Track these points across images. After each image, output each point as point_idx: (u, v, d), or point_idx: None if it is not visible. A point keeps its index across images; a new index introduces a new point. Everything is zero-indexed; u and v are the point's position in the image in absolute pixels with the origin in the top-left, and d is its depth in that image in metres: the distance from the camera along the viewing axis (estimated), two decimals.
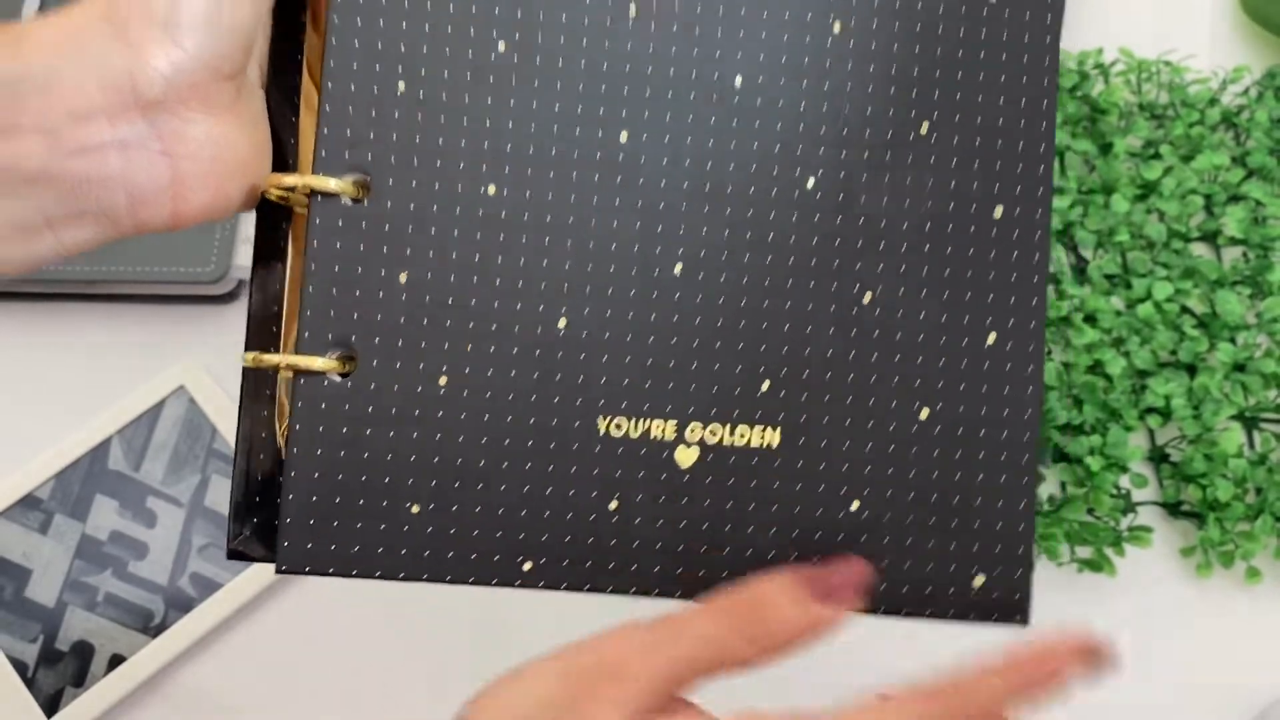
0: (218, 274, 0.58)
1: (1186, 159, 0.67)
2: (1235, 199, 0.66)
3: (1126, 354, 0.61)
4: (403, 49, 0.33)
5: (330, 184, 0.33)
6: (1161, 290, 0.62)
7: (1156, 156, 0.67)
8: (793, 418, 0.34)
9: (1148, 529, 0.58)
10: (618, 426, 0.34)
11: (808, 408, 0.34)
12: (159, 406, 0.58)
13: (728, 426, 0.34)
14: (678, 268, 0.34)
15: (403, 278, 0.34)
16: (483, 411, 0.34)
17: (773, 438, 0.34)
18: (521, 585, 0.34)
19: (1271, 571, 0.60)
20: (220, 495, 0.56)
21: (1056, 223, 0.63)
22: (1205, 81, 0.69)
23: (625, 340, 0.34)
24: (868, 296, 0.34)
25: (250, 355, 0.34)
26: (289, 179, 0.33)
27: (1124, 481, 0.59)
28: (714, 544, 0.34)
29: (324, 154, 0.33)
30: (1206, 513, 0.59)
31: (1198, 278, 0.63)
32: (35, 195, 0.30)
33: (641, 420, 0.34)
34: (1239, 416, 0.62)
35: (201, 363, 0.59)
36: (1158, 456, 0.62)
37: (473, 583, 0.34)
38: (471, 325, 0.34)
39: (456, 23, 0.34)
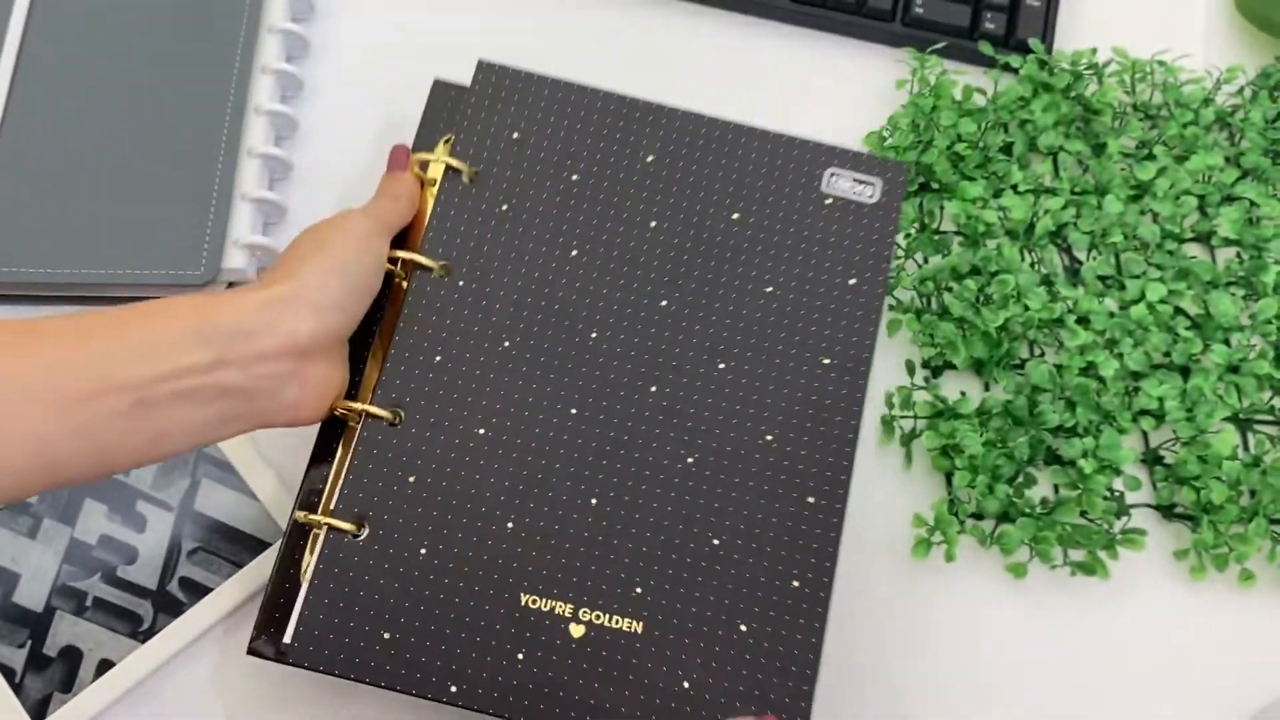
0: (207, 276, 0.58)
1: (1180, 159, 0.67)
2: (1229, 200, 0.66)
3: (1120, 356, 0.61)
4: (441, 339, 0.52)
5: (380, 411, 0.51)
6: (1155, 291, 0.62)
7: (1150, 157, 0.66)
8: (654, 616, 0.49)
9: (1141, 532, 0.57)
10: (533, 601, 0.48)
11: (664, 613, 0.49)
12: None
13: (609, 615, 0.49)
14: (594, 501, 0.50)
15: (411, 479, 0.50)
16: (444, 576, 0.49)
17: (638, 627, 0.48)
18: (448, 702, 0.47)
19: (1265, 574, 0.60)
20: (210, 499, 0.56)
21: (1050, 224, 0.63)
22: (1199, 81, 0.69)
23: (550, 544, 0.49)
24: (716, 542, 0.50)
25: (300, 515, 0.50)
26: (355, 405, 0.51)
27: (1117, 484, 0.59)
28: (583, 694, 0.47)
29: (379, 392, 0.51)
30: (1200, 515, 0.58)
31: (1191, 279, 0.63)
32: (225, 403, 0.45)
33: (550, 600, 0.48)
34: (1233, 418, 0.62)
35: None
36: (1151, 459, 0.61)
37: (414, 694, 0.47)
38: (450, 516, 0.49)
39: (480, 324, 0.52)
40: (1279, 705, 0.57)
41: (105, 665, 0.53)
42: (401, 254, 0.53)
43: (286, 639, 0.48)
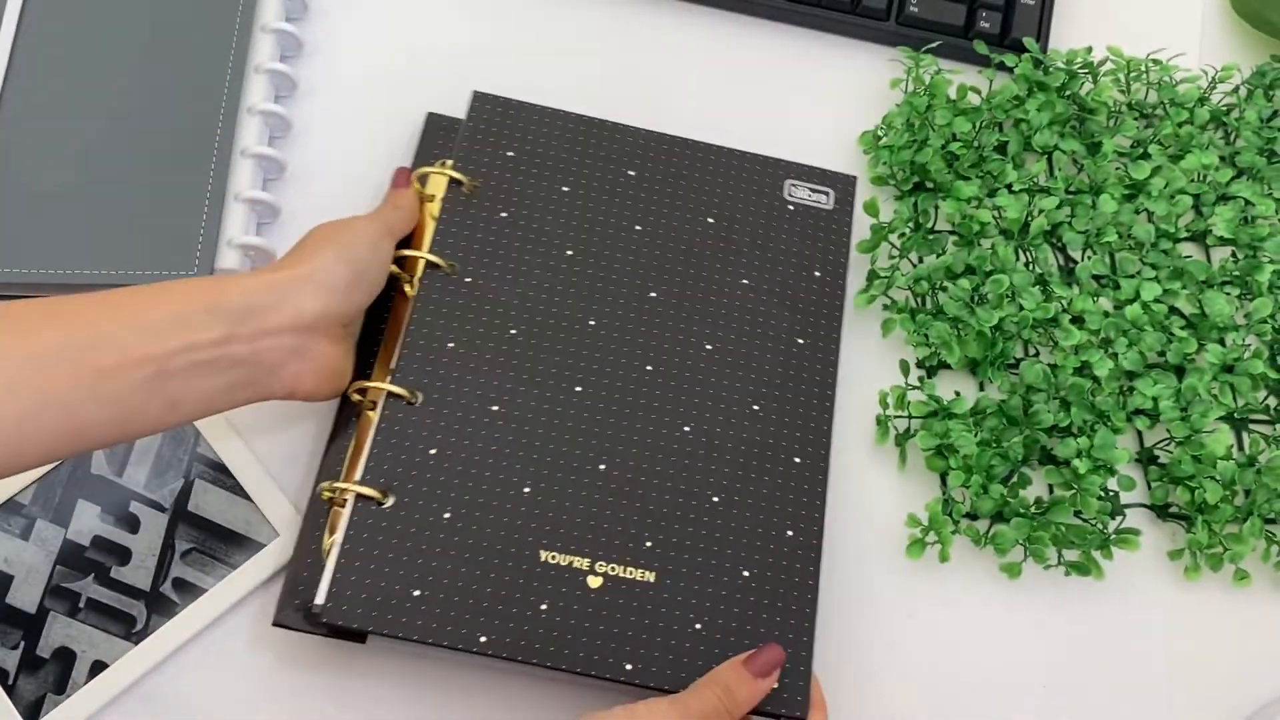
0: (201, 276, 0.58)
1: (1175, 159, 0.66)
2: (1224, 199, 0.66)
3: (1114, 355, 0.61)
4: (452, 328, 0.56)
5: (399, 390, 0.54)
6: (1149, 291, 0.62)
7: (1145, 156, 0.66)
8: (664, 566, 0.53)
9: (1135, 531, 0.57)
10: (552, 557, 0.52)
11: (673, 563, 0.53)
12: None
13: (623, 566, 0.53)
14: (602, 466, 0.54)
15: (432, 451, 0.53)
16: (468, 537, 0.52)
17: (650, 576, 0.53)
18: (478, 652, 0.50)
19: (1260, 574, 0.60)
20: (203, 500, 0.56)
21: (1044, 223, 0.63)
22: (1194, 80, 0.68)
23: (565, 505, 0.53)
24: (715, 499, 0.55)
25: (325, 484, 0.53)
26: (369, 385, 0.55)
27: (1111, 484, 0.59)
28: (604, 639, 0.51)
29: (398, 374, 0.55)
30: (1195, 515, 0.58)
31: (1186, 278, 0.63)
32: (234, 373, 0.49)
33: (568, 555, 0.52)
34: (1227, 418, 0.62)
35: None
36: (1146, 458, 0.61)
37: (445, 646, 0.50)
38: (470, 484, 0.53)
39: (488, 315, 0.57)
40: (1274, 705, 0.57)
41: (99, 666, 0.53)
42: (412, 253, 0.58)
43: (319, 600, 0.50)
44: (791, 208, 0.62)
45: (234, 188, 0.60)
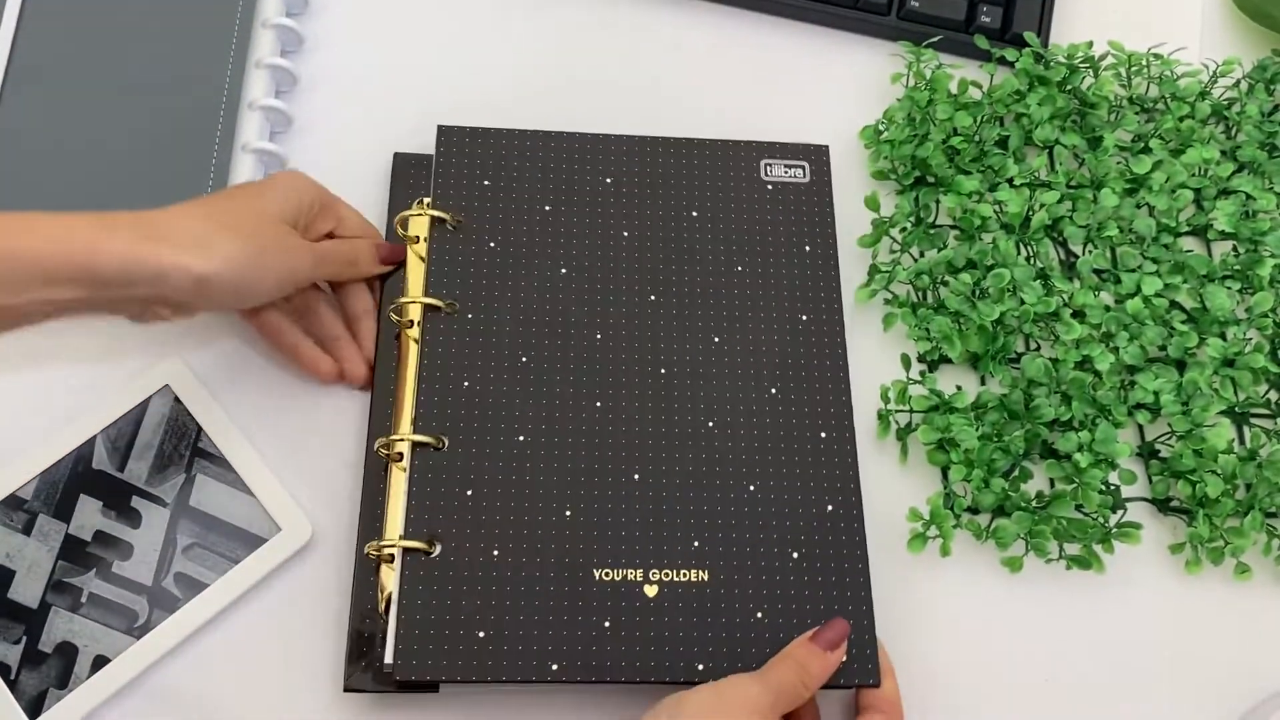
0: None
1: (1176, 153, 0.66)
2: (1225, 193, 0.66)
3: (1115, 349, 0.61)
4: (464, 366, 0.56)
5: (424, 438, 0.55)
6: (1150, 285, 0.62)
7: (1146, 151, 0.66)
8: (715, 562, 0.54)
9: (1136, 525, 0.57)
10: (606, 574, 0.53)
11: (724, 558, 0.54)
12: (143, 405, 0.57)
13: (676, 570, 0.53)
14: (636, 476, 0.55)
15: (469, 492, 0.54)
16: (520, 570, 0.53)
17: (704, 575, 0.53)
18: (551, 681, 0.51)
19: (1261, 568, 0.60)
20: (205, 495, 0.56)
21: (1045, 217, 0.63)
22: (1195, 75, 0.68)
23: (608, 521, 0.54)
24: (752, 488, 0.55)
25: (371, 544, 0.53)
26: (394, 439, 0.55)
27: (1113, 478, 0.59)
28: (671, 645, 0.51)
29: (419, 423, 0.55)
30: (1196, 509, 0.58)
31: (1187, 272, 0.63)
32: (93, 313, 0.49)
33: (621, 569, 0.53)
34: (1228, 412, 0.62)
35: (186, 361, 0.58)
36: (1147, 452, 0.61)
37: (519, 681, 0.50)
38: (511, 518, 0.53)
39: (496, 347, 0.57)
40: (1275, 699, 0.57)
41: (101, 661, 0.53)
42: (408, 300, 0.57)
43: (388, 659, 0.51)
44: (770, 187, 0.62)
45: (235, 178, 0.60)
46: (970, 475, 0.58)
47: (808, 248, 0.61)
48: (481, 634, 0.51)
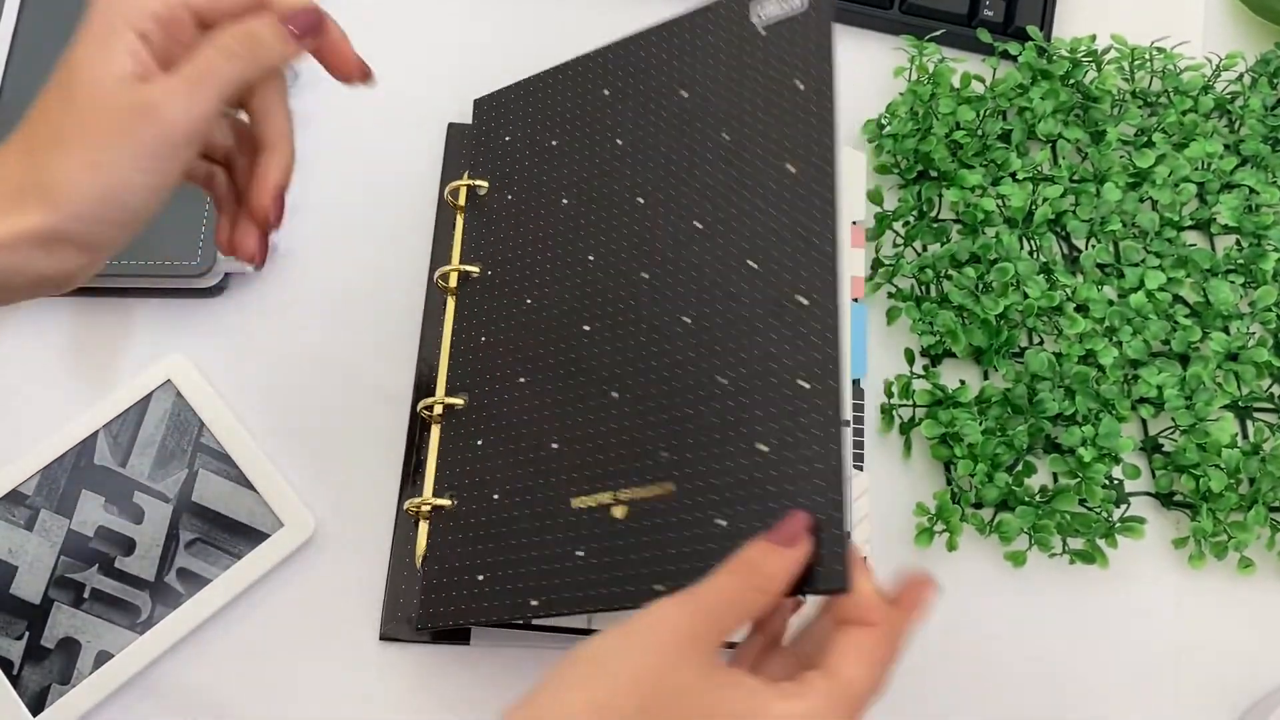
0: (204, 267, 0.58)
1: (1179, 147, 0.66)
2: (1228, 187, 0.66)
3: (1119, 343, 0.61)
4: (483, 322, 0.57)
5: (454, 400, 0.56)
6: (1154, 279, 0.62)
7: (1149, 144, 0.66)
8: (681, 471, 0.48)
9: (1140, 520, 0.57)
10: (580, 500, 0.50)
11: (690, 464, 0.48)
12: (146, 401, 0.57)
13: (642, 487, 0.49)
14: (614, 394, 0.51)
15: (479, 442, 0.54)
16: (512, 510, 0.52)
17: (670, 488, 0.48)
18: (532, 616, 0.50)
19: (1264, 562, 0.60)
20: (207, 490, 0.56)
21: (1048, 211, 0.63)
22: (1198, 68, 0.68)
23: (586, 445, 0.51)
24: (724, 380, 0.49)
25: (410, 502, 0.55)
26: (432, 400, 0.56)
27: (1116, 472, 0.59)
28: (639, 564, 0.48)
29: (449, 385, 0.57)
30: (1199, 503, 0.58)
31: (1190, 266, 0.63)
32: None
33: (594, 495, 0.50)
34: (1232, 406, 0.62)
35: (189, 357, 0.58)
36: (1150, 447, 0.61)
37: (503, 620, 0.50)
38: (510, 459, 0.53)
39: (509, 288, 0.57)
40: (1278, 694, 0.58)
41: (103, 657, 0.53)
42: (449, 269, 0.59)
43: (417, 612, 0.53)
44: (765, 32, 0.53)
45: None
46: (974, 469, 0.58)
47: (799, 83, 0.51)
48: (481, 577, 0.51)
